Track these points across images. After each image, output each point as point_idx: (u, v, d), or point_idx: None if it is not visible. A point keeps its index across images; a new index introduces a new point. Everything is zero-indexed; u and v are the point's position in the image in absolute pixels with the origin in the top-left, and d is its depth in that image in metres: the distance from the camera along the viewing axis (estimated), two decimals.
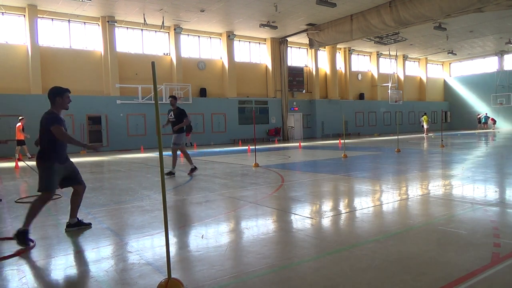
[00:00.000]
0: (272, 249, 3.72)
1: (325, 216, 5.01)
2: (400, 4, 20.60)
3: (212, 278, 3.03)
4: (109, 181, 9.19)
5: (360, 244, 3.76)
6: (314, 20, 24.62)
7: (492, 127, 37.06)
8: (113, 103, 22.41)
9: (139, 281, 3.03)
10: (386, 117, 36.95)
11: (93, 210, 5.78)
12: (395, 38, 28.61)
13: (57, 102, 4.43)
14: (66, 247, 4.02)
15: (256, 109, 28.20)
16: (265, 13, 22.56)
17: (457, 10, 18.55)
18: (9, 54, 20.12)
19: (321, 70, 32.29)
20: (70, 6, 20.07)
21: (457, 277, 2.86)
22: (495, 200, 5.53)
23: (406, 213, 5.15)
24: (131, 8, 20.97)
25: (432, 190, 6.56)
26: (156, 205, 5.91)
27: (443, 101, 42.96)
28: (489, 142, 19.36)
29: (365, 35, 24.35)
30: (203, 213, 5.32)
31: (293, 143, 23.85)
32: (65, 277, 3.21)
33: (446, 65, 43.54)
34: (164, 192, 2.85)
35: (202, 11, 21.76)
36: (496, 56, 38.43)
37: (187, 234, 4.45)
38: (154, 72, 2.80)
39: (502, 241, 3.65)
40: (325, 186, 7.50)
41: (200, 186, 7.73)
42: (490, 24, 26.99)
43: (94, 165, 13.67)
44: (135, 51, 24.17)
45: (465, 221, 4.44)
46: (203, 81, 26.27)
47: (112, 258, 3.63)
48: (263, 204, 5.78)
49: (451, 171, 8.93)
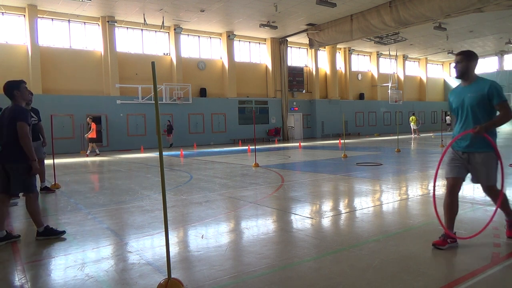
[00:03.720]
0: (272, 249, 3.72)
1: (325, 216, 5.01)
2: (400, 4, 20.59)
3: (212, 278, 3.03)
4: (109, 181, 9.20)
5: (360, 244, 3.76)
6: (314, 20, 24.62)
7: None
8: (113, 103, 22.40)
9: (139, 281, 3.03)
10: (386, 117, 36.94)
11: (93, 210, 5.78)
12: (395, 38, 28.61)
13: (16, 95, 4.24)
14: (66, 247, 4.02)
15: (256, 109, 28.20)
16: (265, 13, 22.55)
17: (457, 10, 18.53)
18: (9, 54, 20.11)
19: (321, 70, 32.28)
20: (70, 6, 20.06)
21: (457, 277, 2.86)
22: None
23: (406, 213, 5.15)
24: (131, 8, 20.97)
25: (432, 190, 6.56)
26: (156, 205, 5.91)
27: (443, 101, 42.95)
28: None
29: (365, 35, 24.34)
30: (203, 213, 5.32)
31: (293, 143, 23.85)
32: (65, 277, 3.21)
33: (446, 65, 43.53)
34: (164, 192, 2.85)
35: (202, 11, 21.75)
36: (496, 56, 38.42)
37: (187, 234, 4.45)
38: (154, 72, 2.80)
39: (502, 241, 3.65)
40: (325, 186, 7.50)
41: (200, 186, 7.73)
42: (490, 24, 26.97)
43: (94, 165, 13.67)
44: (135, 51, 24.16)
45: (465, 221, 4.44)
46: (203, 81, 26.27)
47: (112, 258, 3.63)
48: (263, 204, 5.78)
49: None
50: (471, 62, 3.54)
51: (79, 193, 7.37)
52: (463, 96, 3.58)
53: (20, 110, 4.19)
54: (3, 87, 4.25)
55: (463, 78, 3.61)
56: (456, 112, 3.69)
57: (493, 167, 3.50)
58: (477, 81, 3.55)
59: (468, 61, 3.53)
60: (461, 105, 3.60)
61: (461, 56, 3.55)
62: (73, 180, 9.42)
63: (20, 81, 4.34)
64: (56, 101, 20.62)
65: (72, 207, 5.96)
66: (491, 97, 3.42)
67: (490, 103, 3.43)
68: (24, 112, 4.19)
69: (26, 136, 4.10)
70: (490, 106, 3.45)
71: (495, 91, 3.42)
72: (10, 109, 4.23)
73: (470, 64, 3.54)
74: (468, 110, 3.54)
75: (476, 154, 3.49)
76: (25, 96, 4.36)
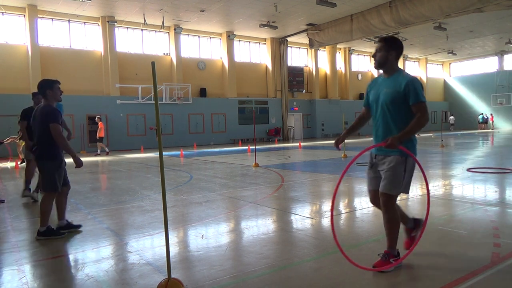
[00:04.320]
0: (272, 249, 3.72)
1: (325, 216, 5.01)
2: (400, 4, 20.60)
3: (212, 278, 3.03)
4: (109, 181, 9.20)
5: (360, 244, 3.76)
6: (314, 20, 24.62)
7: (491, 127, 37.06)
8: (113, 103, 22.40)
9: (139, 281, 3.03)
10: None
11: (93, 210, 5.77)
12: None
13: (49, 95, 4.34)
14: (66, 247, 4.02)
15: (256, 109, 28.20)
16: (265, 13, 22.56)
17: (457, 10, 18.54)
18: (9, 54, 20.12)
19: (321, 70, 32.29)
20: (70, 6, 20.06)
21: (457, 277, 2.86)
22: (495, 200, 5.53)
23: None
24: (131, 8, 20.97)
25: (432, 190, 6.55)
26: (156, 205, 5.91)
27: (443, 101, 42.95)
28: (488, 142, 19.35)
29: (365, 35, 24.35)
30: (203, 213, 5.32)
31: (293, 143, 23.84)
32: (65, 277, 3.21)
33: (446, 65, 43.53)
34: (164, 192, 2.85)
35: (202, 11, 21.76)
36: (496, 56, 38.42)
37: (187, 234, 4.45)
38: (154, 72, 2.80)
39: (502, 241, 3.65)
40: (325, 186, 7.50)
41: (200, 186, 7.73)
42: (490, 24, 26.98)
43: (94, 165, 13.67)
44: (135, 51, 24.17)
45: (465, 221, 4.44)
46: (203, 81, 26.27)
47: (112, 258, 3.63)
48: (263, 204, 5.78)
49: (451, 171, 8.92)
50: (391, 51, 3.01)
51: (79, 193, 7.37)
52: (380, 91, 3.08)
53: (51, 111, 4.28)
54: (38, 85, 4.36)
55: (382, 69, 3.10)
56: (371, 107, 3.19)
57: (400, 175, 2.97)
58: (397, 75, 3.02)
59: (387, 50, 3.01)
60: (375, 100, 3.11)
61: (381, 43, 3.05)
62: (73, 180, 9.39)
63: (54, 81, 4.42)
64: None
65: (72, 207, 5.95)
66: (407, 96, 2.91)
67: (407, 103, 2.94)
68: (55, 112, 4.29)
69: (60, 136, 4.27)
70: (406, 106, 2.94)
71: (412, 88, 2.90)
72: (41, 110, 4.31)
73: (390, 54, 3.01)
74: (380, 108, 3.06)
75: (385, 157, 3.04)
76: (57, 96, 4.43)
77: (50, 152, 4.31)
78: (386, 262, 3.01)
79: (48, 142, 4.28)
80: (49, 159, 4.30)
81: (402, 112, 2.97)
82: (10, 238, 4.37)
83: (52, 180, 4.29)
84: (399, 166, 2.96)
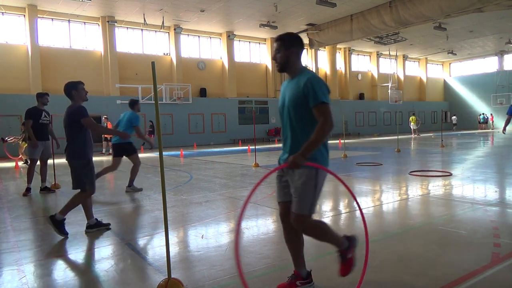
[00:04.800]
0: (272, 249, 3.72)
1: (325, 216, 5.01)
2: (400, 4, 20.59)
3: (212, 278, 3.03)
4: (109, 181, 9.20)
5: (360, 244, 3.76)
6: (314, 20, 24.62)
7: (491, 127, 37.06)
8: (113, 103, 22.38)
9: (139, 281, 3.03)
10: (386, 117, 36.94)
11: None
12: (395, 38, 28.60)
13: (74, 95, 4.55)
14: (66, 247, 4.02)
15: (256, 109, 28.19)
16: (265, 13, 22.55)
17: (457, 10, 18.54)
18: (9, 54, 20.11)
19: (321, 70, 32.28)
20: (70, 6, 20.05)
21: (457, 277, 2.86)
22: (495, 200, 5.53)
23: (406, 213, 5.15)
24: (131, 8, 20.97)
25: (432, 190, 6.56)
26: (156, 205, 5.91)
27: (443, 101, 42.94)
28: (488, 142, 19.35)
29: (365, 35, 24.34)
30: (203, 213, 5.32)
31: None
32: (65, 277, 3.21)
33: (446, 65, 43.52)
34: (164, 192, 2.85)
35: (202, 11, 21.75)
36: (496, 56, 38.40)
37: (187, 234, 4.45)
38: (154, 72, 2.80)
39: (502, 241, 3.65)
40: (325, 186, 7.43)
41: (200, 186, 7.73)
42: (490, 24, 26.97)
43: (94, 165, 13.64)
44: (135, 51, 24.17)
45: (465, 221, 4.44)
46: (203, 81, 26.27)
47: (112, 258, 3.63)
48: (263, 204, 5.78)
49: (451, 171, 8.92)
50: (291, 48, 2.59)
51: None
52: (285, 96, 2.67)
53: (77, 109, 4.50)
54: (63, 88, 4.64)
55: (286, 71, 2.67)
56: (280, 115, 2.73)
57: (310, 191, 2.56)
58: (300, 75, 2.59)
59: (286, 48, 2.58)
60: (282, 107, 2.69)
61: (278, 42, 2.61)
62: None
63: (78, 82, 4.69)
64: (56, 101, 20.40)
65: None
66: (307, 97, 2.47)
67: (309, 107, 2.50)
68: (81, 109, 4.51)
69: (95, 125, 4.63)
70: (310, 111, 2.49)
71: (310, 87, 2.46)
72: (67, 110, 4.55)
73: (291, 52, 2.59)
74: (286, 116, 2.63)
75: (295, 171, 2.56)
76: (82, 96, 4.67)
77: (76, 151, 4.45)
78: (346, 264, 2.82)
79: (73, 142, 4.45)
80: (75, 158, 4.44)
81: (305, 118, 2.52)
82: (10, 238, 4.37)
83: (79, 178, 4.39)
84: (310, 182, 2.55)
